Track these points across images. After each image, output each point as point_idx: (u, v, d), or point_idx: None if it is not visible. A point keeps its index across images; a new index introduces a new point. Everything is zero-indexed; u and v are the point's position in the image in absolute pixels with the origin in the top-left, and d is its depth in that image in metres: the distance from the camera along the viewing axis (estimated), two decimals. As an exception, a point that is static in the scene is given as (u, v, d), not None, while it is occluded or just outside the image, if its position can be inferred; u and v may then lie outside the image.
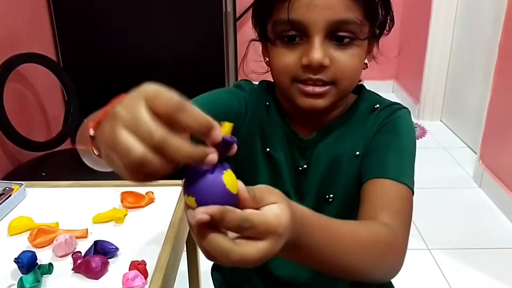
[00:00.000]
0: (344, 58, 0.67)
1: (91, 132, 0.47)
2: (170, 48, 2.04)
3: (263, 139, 0.78)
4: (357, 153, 0.75)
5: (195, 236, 0.41)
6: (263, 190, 0.43)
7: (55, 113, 1.89)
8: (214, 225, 0.38)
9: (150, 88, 0.38)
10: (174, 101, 0.37)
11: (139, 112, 0.37)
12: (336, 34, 0.66)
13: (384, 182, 0.68)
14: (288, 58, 0.68)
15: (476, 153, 2.45)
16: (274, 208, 0.42)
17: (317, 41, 0.66)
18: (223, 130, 0.41)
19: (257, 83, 0.82)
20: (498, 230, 1.99)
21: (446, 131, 3.07)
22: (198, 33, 1.91)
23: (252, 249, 0.40)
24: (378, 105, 0.77)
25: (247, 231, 0.40)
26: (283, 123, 0.78)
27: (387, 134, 0.74)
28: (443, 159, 2.63)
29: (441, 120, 3.22)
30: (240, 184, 0.41)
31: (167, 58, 2.06)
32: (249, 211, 0.41)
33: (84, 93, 1.95)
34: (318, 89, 0.68)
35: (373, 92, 0.80)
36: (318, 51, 0.65)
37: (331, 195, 0.77)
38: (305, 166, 0.77)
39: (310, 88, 0.68)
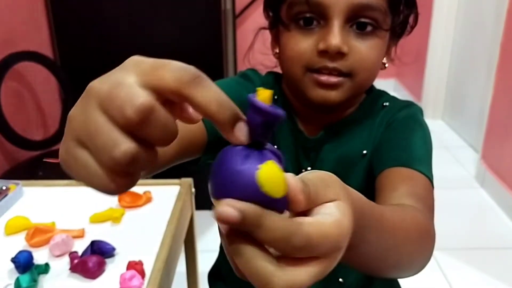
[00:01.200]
0: (364, 48, 0.62)
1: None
2: (169, 47, 2.03)
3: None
4: (364, 152, 0.70)
5: (226, 249, 0.31)
6: (317, 183, 0.32)
7: (52, 112, 1.88)
8: (250, 236, 0.29)
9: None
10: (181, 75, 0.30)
11: (124, 82, 0.29)
12: (358, 20, 0.61)
13: (404, 170, 0.62)
14: (303, 43, 0.63)
15: (477, 153, 2.44)
16: (332, 211, 0.31)
17: (336, 25, 0.60)
18: (259, 97, 0.30)
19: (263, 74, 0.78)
20: (499, 230, 1.98)
21: (447, 130, 3.07)
22: (197, 31, 1.90)
23: (304, 275, 0.30)
24: (387, 103, 0.73)
25: (298, 252, 0.29)
26: (288, 120, 0.73)
27: (400, 127, 0.69)
28: (444, 159, 2.62)
29: (442, 119, 3.22)
30: (290, 179, 0.30)
31: (166, 56, 2.04)
32: (300, 219, 0.30)
33: (82, 91, 1.92)
34: (333, 79, 0.62)
35: (384, 91, 0.76)
36: (337, 36, 0.60)
37: None
38: (309, 168, 0.72)
39: (324, 78, 0.62)
